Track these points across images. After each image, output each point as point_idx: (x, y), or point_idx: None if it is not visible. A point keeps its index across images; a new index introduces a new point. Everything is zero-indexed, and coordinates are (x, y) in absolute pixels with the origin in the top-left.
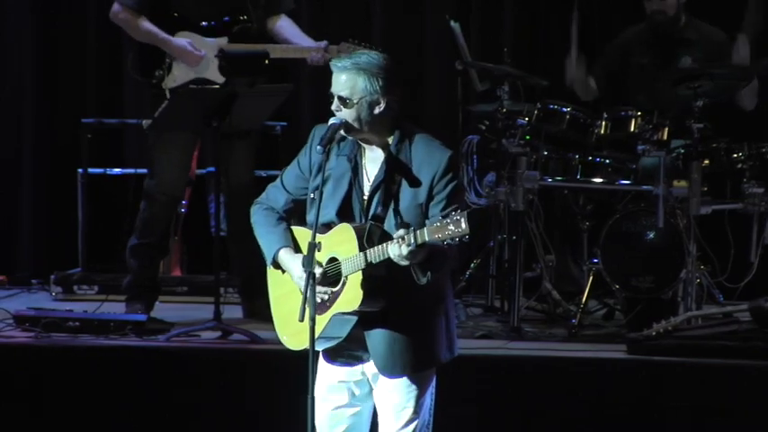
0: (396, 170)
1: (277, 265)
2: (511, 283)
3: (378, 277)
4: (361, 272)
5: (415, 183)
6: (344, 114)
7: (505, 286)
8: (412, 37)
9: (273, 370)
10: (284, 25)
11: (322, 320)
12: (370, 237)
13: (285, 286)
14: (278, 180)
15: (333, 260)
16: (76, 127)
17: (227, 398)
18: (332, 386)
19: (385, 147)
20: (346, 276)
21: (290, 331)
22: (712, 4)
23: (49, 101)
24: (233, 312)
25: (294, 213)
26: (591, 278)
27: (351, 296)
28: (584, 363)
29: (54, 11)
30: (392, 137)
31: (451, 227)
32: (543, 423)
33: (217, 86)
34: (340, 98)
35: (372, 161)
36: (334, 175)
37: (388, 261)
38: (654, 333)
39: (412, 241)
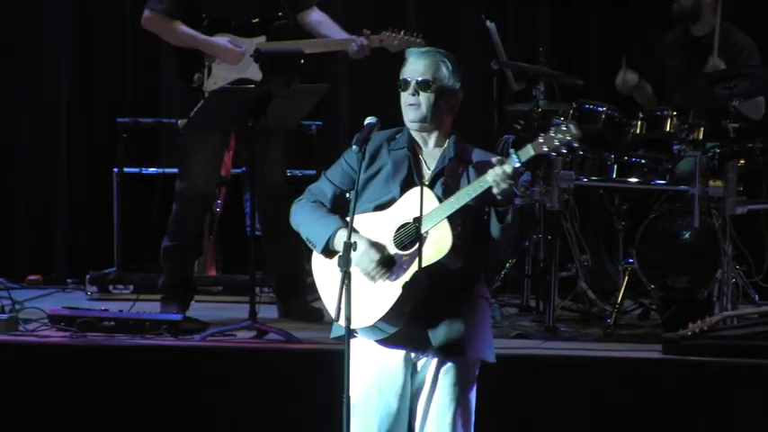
0: (457, 163)
1: (328, 252)
2: (546, 282)
3: (460, 227)
4: (446, 220)
5: (474, 178)
6: (421, 99)
7: (541, 286)
8: (447, 37)
9: (309, 370)
10: (320, 19)
11: (396, 285)
12: (434, 196)
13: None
14: (321, 179)
15: (404, 226)
16: (112, 126)
17: (263, 398)
18: (372, 380)
19: (441, 146)
20: (426, 232)
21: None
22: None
23: (85, 100)
24: (268, 312)
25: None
26: (626, 278)
27: (437, 245)
28: (619, 363)
29: (91, 10)
30: (449, 140)
31: (560, 135)
32: (578, 423)
33: (252, 86)
34: (420, 82)
35: (429, 155)
36: (392, 163)
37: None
38: (689, 333)
39: (515, 159)
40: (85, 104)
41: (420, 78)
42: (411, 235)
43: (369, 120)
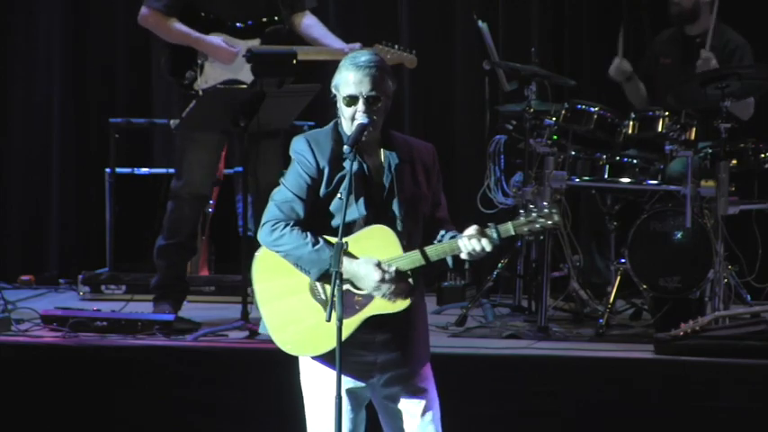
0: (401, 168)
1: (290, 280)
2: (538, 282)
3: (418, 277)
4: (408, 272)
5: (416, 173)
6: (373, 115)
7: (533, 286)
8: (440, 37)
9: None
10: (311, 24)
11: (351, 324)
12: (401, 239)
13: (291, 294)
14: (287, 195)
15: None
16: (104, 126)
17: (255, 397)
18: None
19: (376, 142)
20: None
21: (300, 334)
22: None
23: (78, 101)
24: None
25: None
26: (618, 278)
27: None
28: (611, 363)
29: (84, 11)
30: (385, 138)
31: (542, 220)
32: (570, 423)
33: (244, 86)
34: (372, 98)
35: (369, 153)
36: (349, 176)
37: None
38: (681, 333)
39: (494, 236)
40: (78, 105)
41: (372, 95)
42: None
43: (361, 120)
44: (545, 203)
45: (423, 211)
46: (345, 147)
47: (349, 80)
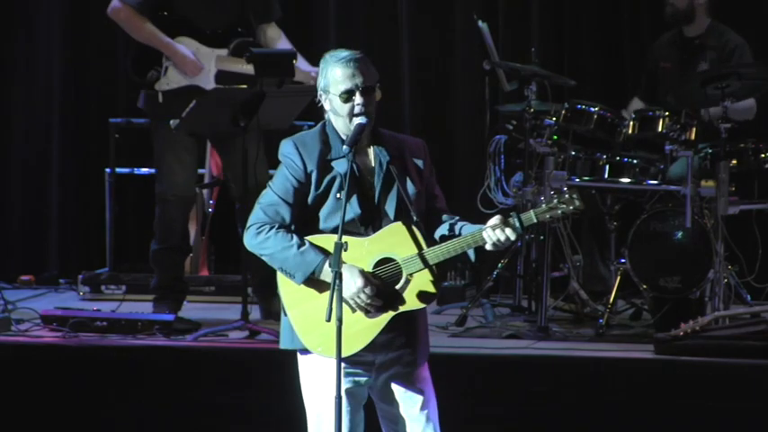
0: (391, 160)
1: (312, 281)
2: (538, 282)
3: (438, 273)
4: (429, 269)
5: (407, 169)
6: (370, 106)
7: (533, 286)
8: (440, 37)
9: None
10: (276, 37)
11: (379, 323)
12: (419, 234)
13: (318, 296)
14: (273, 199)
15: (384, 261)
16: (105, 127)
17: (255, 398)
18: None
19: (366, 142)
20: (410, 275)
21: (329, 336)
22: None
23: (78, 101)
24: (260, 312)
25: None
26: (618, 278)
27: (421, 294)
28: (611, 363)
29: (83, 10)
30: (375, 136)
31: (564, 205)
32: (570, 423)
33: (245, 86)
34: (368, 89)
35: (359, 156)
36: (341, 176)
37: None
38: (681, 333)
39: (517, 225)
40: (78, 105)
41: (367, 85)
42: (393, 275)
43: (359, 120)
44: (566, 189)
45: (418, 206)
46: (345, 147)
47: (340, 77)
